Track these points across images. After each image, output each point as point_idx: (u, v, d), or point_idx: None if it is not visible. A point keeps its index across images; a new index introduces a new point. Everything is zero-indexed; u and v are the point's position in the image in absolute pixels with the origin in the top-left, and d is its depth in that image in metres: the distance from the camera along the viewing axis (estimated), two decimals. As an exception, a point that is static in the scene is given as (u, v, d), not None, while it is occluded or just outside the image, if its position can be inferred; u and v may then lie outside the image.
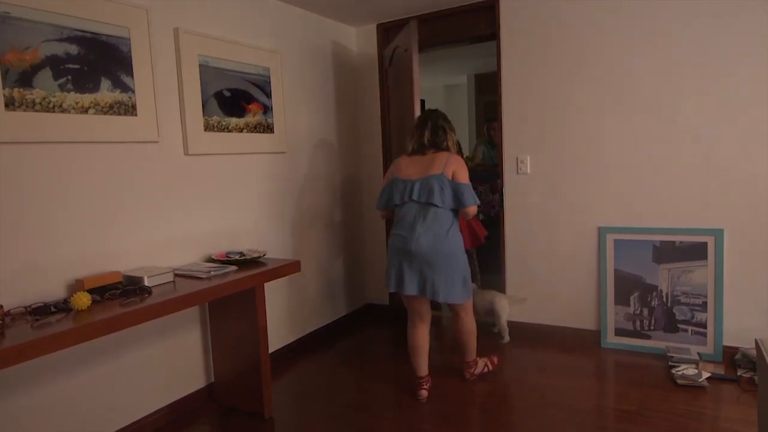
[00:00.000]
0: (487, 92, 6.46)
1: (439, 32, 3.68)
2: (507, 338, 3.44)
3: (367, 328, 3.88)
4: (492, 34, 3.46)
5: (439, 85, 7.42)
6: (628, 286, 3.16)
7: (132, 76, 2.34)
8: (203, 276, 2.36)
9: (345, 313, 3.92)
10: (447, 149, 2.62)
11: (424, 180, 2.53)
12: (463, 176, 2.54)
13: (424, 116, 2.69)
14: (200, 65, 2.67)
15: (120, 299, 2.04)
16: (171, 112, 2.55)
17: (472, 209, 2.55)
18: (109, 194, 2.28)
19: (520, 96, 3.36)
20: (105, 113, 2.24)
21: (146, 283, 2.19)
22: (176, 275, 2.40)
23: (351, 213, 3.98)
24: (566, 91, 3.21)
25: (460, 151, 2.77)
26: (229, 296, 2.46)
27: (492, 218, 4.69)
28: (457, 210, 2.57)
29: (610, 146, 3.13)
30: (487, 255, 4.58)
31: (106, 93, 2.24)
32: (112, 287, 2.13)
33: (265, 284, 2.62)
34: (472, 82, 6.80)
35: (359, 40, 3.89)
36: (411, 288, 2.54)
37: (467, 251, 2.73)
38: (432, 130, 2.62)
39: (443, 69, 6.41)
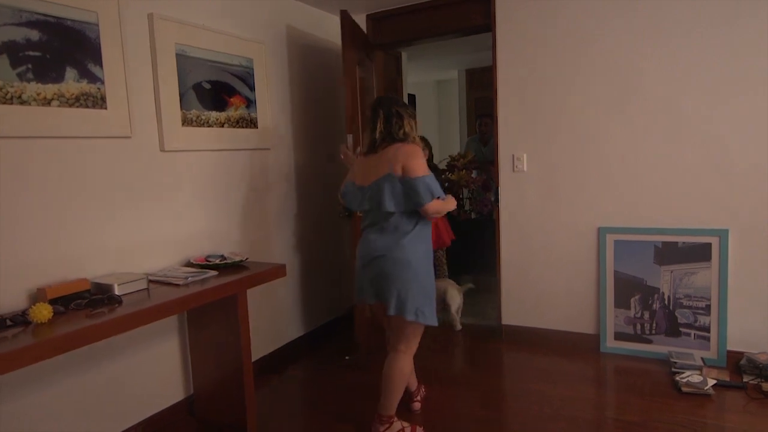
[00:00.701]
0: (479, 88, 6.32)
1: (430, 24, 3.52)
2: (459, 326, 3.67)
3: (352, 335, 3.71)
4: (486, 26, 3.31)
5: (429, 80, 7.26)
6: (628, 289, 3.04)
7: (101, 65, 2.15)
8: (180, 282, 2.18)
9: (329, 319, 3.74)
10: (403, 138, 2.18)
11: (373, 185, 2.17)
12: (416, 167, 2.09)
13: (374, 105, 2.27)
14: (177, 55, 2.48)
15: (86, 310, 1.86)
16: (145, 105, 2.36)
17: (431, 207, 2.10)
18: (77, 194, 2.09)
19: (516, 90, 3.21)
20: (71, 105, 2.05)
21: (116, 291, 2.01)
22: (151, 282, 2.22)
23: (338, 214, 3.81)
24: (565, 85, 3.07)
25: (426, 144, 2.40)
26: (209, 303, 2.28)
27: (485, 217, 4.56)
28: None
29: (610, 143, 3.00)
30: (481, 255, 4.45)
31: (72, 83, 2.05)
32: (79, 296, 1.95)
33: (248, 290, 2.45)
34: (463, 77, 6.65)
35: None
36: (369, 297, 2.24)
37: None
38: (385, 120, 2.19)
39: (434, 64, 6.26)
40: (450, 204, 2.26)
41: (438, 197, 2.14)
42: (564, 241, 3.18)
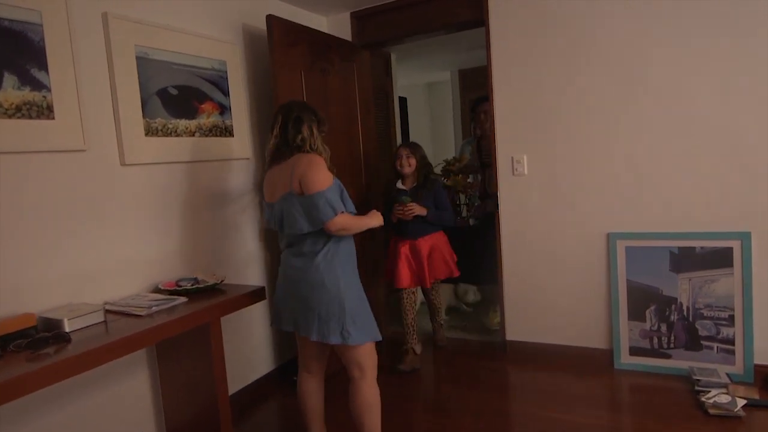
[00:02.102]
0: (473, 88, 6.08)
1: (419, 20, 3.29)
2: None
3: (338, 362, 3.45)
4: (479, 20, 3.08)
5: (421, 82, 7.04)
6: (642, 299, 2.79)
7: (46, 70, 1.90)
8: (142, 313, 1.92)
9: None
10: (300, 145, 1.96)
11: (277, 204, 2.00)
12: (314, 181, 1.88)
13: (275, 112, 2.08)
14: (138, 57, 2.24)
15: (26, 352, 1.60)
16: (101, 115, 2.11)
17: (334, 224, 1.89)
18: (21, 216, 1.83)
19: (514, 87, 2.98)
20: (10, 116, 1.79)
21: (66, 327, 1.75)
22: (110, 312, 1.97)
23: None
24: (567, 80, 2.84)
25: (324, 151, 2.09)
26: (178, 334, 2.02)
27: (484, 223, 4.30)
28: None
29: (618, 141, 2.76)
30: (482, 264, 4.18)
31: (12, 91, 1.80)
32: (23, 335, 1.69)
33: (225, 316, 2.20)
34: (456, 78, 6.43)
35: (331, 30, 3.48)
36: (286, 323, 2.08)
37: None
38: (282, 125, 1.99)
39: (424, 65, 6.03)
40: (368, 220, 2.07)
41: (344, 212, 1.93)
42: (571, 248, 2.94)
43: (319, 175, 1.91)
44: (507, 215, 3.09)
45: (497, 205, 3.11)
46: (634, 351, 2.82)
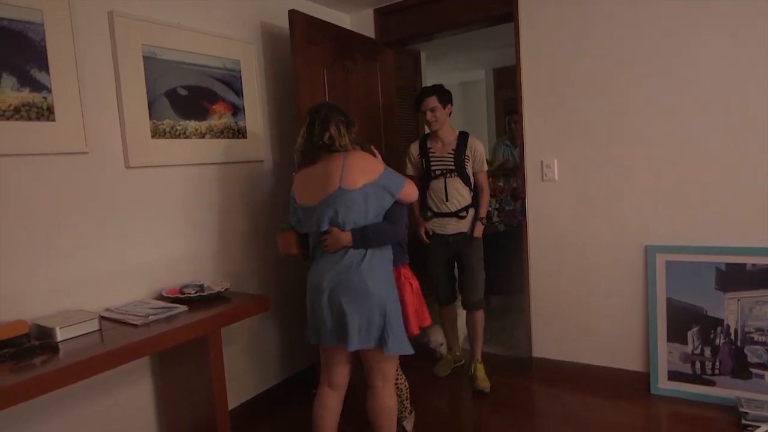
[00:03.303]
0: (508, 88, 5.83)
1: (445, 16, 3.13)
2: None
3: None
4: (507, 15, 2.89)
5: (454, 82, 6.82)
6: (684, 319, 2.53)
7: (47, 71, 1.86)
8: (138, 322, 1.85)
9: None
10: (328, 146, 1.92)
11: (322, 204, 1.91)
12: (371, 171, 1.90)
13: (307, 115, 2.01)
14: (145, 57, 2.18)
15: (11, 362, 1.55)
16: (105, 116, 2.05)
17: (406, 193, 1.96)
18: (20, 220, 1.79)
19: (544, 86, 2.77)
20: (8, 118, 1.75)
21: (58, 335, 1.70)
22: (107, 320, 1.91)
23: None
24: (603, 80, 2.61)
25: (367, 148, 2.09)
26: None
27: (515, 229, 4.09)
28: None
29: (660, 145, 2.51)
30: (510, 273, 3.98)
31: (10, 93, 1.76)
32: (12, 343, 1.64)
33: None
34: (490, 77, 6.20)
35: (354, 28, 3.36)
36: (327, 337, 1.94)
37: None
38: (310, 127, 1.95)
39: (458, 64, 5.84)
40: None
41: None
42: (604, 261, 2.71)
43: (375, 163, 1.96)
44: (535, 223, 2.88)
45: (524, 212, 2.91)
46: (674, 376, 2.57)
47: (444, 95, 2.79)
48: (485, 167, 2.85)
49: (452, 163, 2.76)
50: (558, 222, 2.81)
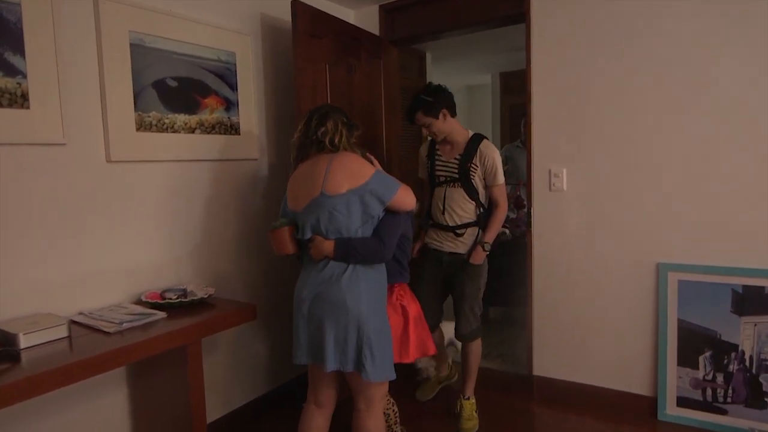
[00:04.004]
0: (515, 92, 5.71)
1: (453, 15, 2.98)
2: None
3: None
4: (518, 15, 2.75)
5: (459, 85, 6.70)
6: (696, 343, 2.39)
7: (23, 55, 1.72)
8: (110, 330, 1.71)
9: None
10: (321, 142, 1.79)
11: (306, 210, 1.79)
12: (359, 175, 1.72)
13: (308, 113, 1.91)
14: (133, 45, 2.04)
15: (-37, 373, 1.41)
16: (86, 106, 1.91)
17: (400, 200, 1.77)
18: (-17, 215, 1.66)
19: (555, 91, 2.63)
20: (-23, 104, 1.62)
21: (22, 342, 1.56)
22: (78, 326, 1.77)
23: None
24: (617, 86, 2.47)
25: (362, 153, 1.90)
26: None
27: (517, 239, 3.94)
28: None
29: (675, 157, 2.38)
30: (513, 283, 3.84)
31: (-20, 76, 1.63)
32: (-30, 349, 1.50)
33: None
34: (497, 81, 6.06)
35: (358, 24, 3.22)
36: (302, 354, 1.83)
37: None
38: (307, 122, 1.84)
39: (463, 66, 5.71)
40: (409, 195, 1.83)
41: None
42: (613, 277, 2.57)
43: (365, 164, 1.79)
44: (540, 234, 2.74)
45: (529, 222, 2.77)
46: (683, 402, 2.43)
47: (430, 106, 2.37)
48: (500, 180, 2.40)
49: (456, 171, 2.42)
50: (565, 233, 2.67)
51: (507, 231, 3.98)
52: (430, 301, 2.54)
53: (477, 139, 2.44)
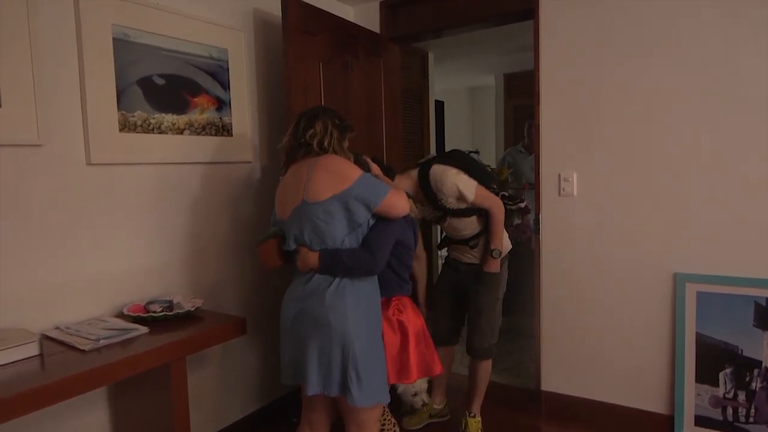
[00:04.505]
0: (520, 94, 5.57)
1: (458, 11, 2.86)
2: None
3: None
4: (526, 11, 2.62)
5: (462, 87, 6.57)
6: (716, 359, 2.25)
7: (-7, 48, 1.59)
8: (86, 347, 1.57)
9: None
10: (308, 144, 1.66)
11: (290, 219, 1.66)
12: (343, 179, 1.58)
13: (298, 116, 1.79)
14: (116, 40, 1.91)
15: None
16: (64, 105, 1.78)
17: (390, 205, 1.60)
18: (-53, 222, 1.52)
19: (564, 93, 2.50)
20: (-59, 101, 1.49)
21: (-14, 361, 1.42)
22: (52, 341, 1.63)
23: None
24: (632, 87, 2.33)
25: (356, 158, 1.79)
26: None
27: (523, 245, 3.80)
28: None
29: (694, 163, 2.24)
30: (518, 291, 3.70)
31: (-56, 71, 1.50)
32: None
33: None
34: (501, 83, 5.92)
35: (357, 21, 3.09)
36: (286, 374, 1.71)
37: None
38: (296, 124, 1.71)
39: (466, 67, 5.58)
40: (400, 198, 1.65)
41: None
42: (627, 287, 2.42)
43: (348, 167, 1.63)
44: (549, 242, 2.60)
45: (537, 229, 2.63)
46: (701, 421, 2.28)
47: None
48: (471, 190, 2.17)
49: (435, 210, 2.28)
50: (575, 241, 2.53)
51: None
52: (446, 314, 2.45)
53: (423, 173, 2.22)
